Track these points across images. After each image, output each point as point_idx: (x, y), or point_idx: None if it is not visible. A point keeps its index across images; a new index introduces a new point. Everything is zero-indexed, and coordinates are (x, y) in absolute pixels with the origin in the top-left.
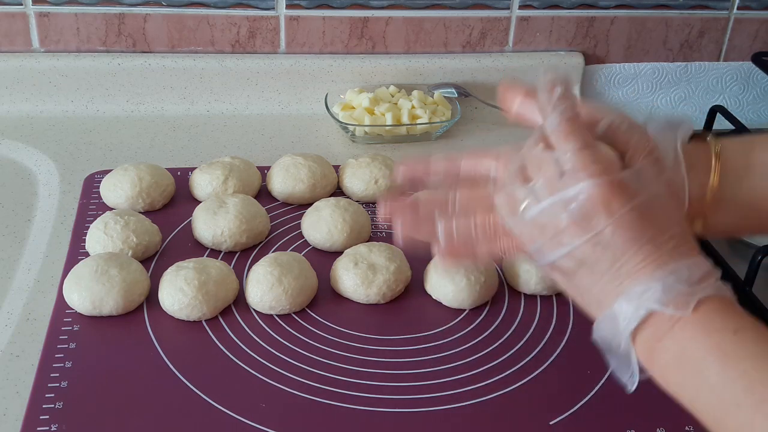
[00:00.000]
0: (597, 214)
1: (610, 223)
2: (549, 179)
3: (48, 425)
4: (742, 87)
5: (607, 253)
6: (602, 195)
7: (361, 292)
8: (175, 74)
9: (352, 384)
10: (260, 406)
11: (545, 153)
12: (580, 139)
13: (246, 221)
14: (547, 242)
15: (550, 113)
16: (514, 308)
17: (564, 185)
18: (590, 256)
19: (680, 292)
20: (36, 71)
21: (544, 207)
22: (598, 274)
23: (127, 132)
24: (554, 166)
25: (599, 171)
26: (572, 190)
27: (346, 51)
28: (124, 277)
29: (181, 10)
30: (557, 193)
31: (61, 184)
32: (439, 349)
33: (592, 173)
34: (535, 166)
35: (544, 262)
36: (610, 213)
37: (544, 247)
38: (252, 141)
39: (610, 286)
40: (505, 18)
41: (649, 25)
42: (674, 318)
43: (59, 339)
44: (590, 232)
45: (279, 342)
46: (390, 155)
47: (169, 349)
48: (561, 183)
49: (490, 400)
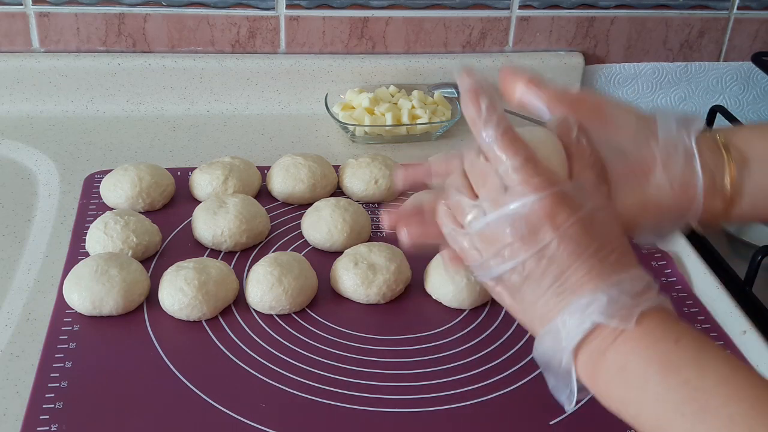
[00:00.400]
0: (542, 228)
1: (555, 236)
2: (493, 193)
3: (48, 425)
4: (742, 87)
5: (552, 266)
6: (546, 208)
7: (361, 292)
8: (175, 74)
9: (352, 384)
10: (260, 406)
11: (487, 166)
12: (520, 153)
13: (246, 221)
14: (493, 256)
15: (482, 128)
16: None
17: (508, 200)
18: (536, 270)
19: (624, 305)
20: (36, 71)
21: (489, 221)
22: (543, 288)
23: (127, 132)
24: (497, 180)
25: (542, 184)
26: (516, 205)
27: (346, 51)
28: (124, 277)
29: (181, 10)
30: (501, 208)
31: (61, 184)
32: (439, 349)
33: (535, 187)
34: (479, 179)
35: (488, 276)
36: (555, 226)
37: (490, 261)
38: (252, 141)
39: (554, 301)
40: (505, 18)
41: (649, 25)
42: (617, 331)
43: (59, 339)
44: (536, 246)
45: (279, 342)
46: (390, 155)
47: (169, 349)
48: (505, 197)
49: (490, 400)
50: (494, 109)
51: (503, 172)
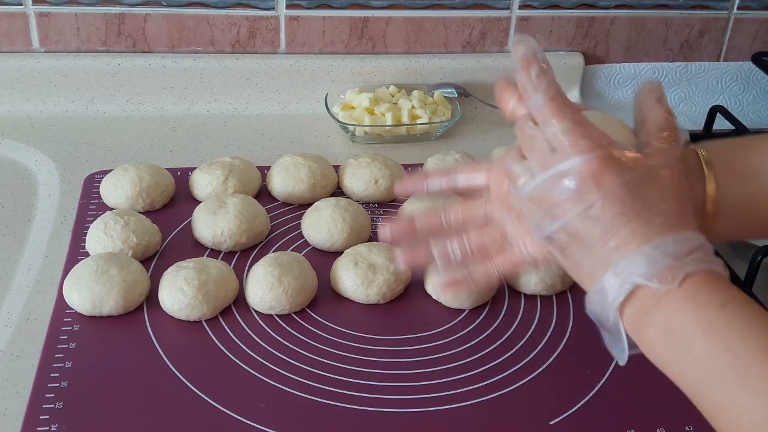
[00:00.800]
0: (587, 189)
1: (599, 197)
2: (541, 156)
3: (48, 425)
4: (742, 87)
5: (597, 227)
6: (592, 170)
7: (361, 292)
8: (175, 74)
9: (352, 384)
10: (260, 406)
11: (535, 130)
12: (568, 117)
13: (246, 221)
14: (544, 217)
15: (532, 94)
16: (514, 308)
17: (555, 161)
18: (581, 230)
19: (666, 266)
20: (36, 71)
21: (538, 183)
22: (589, 248)
23: (127, 132)
24: (545, 143)
25: (589, 147)
26: (563, 166)
27: (346, 51)
28: (124, 277)
29: (181, 10)
30: (549, 170)
31: (61, 184)
32: (439, 349)
33: (581, 149)
34: (528, 143)
35: (541, 235)
36: (600, 187)
37: (542, 222)
38: (252, 141)
39: (599, 260)
40: (505, 18)
41: (649, 25)
42: (660, 292)
43: (59, 339)
44: (581, 206)
45: (279, 342)
46: (390, 155)
47: (169, 349)
48: (552, 159)
49: (490, 400)
50: (545, 76)
51: (551, 135)
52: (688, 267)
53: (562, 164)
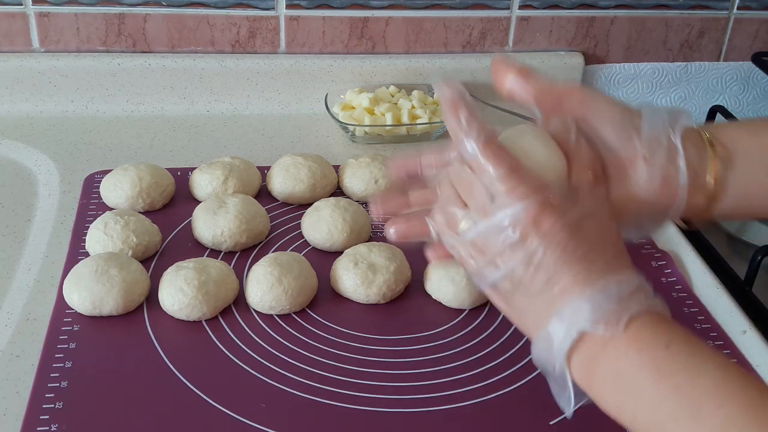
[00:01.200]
0: (529, 235)
1: (541, 243)
2: (480, 203)
3: (48, 425)
4: (742, 87)
5: (540, 273)
6: (532, 216)
7: (361, 292)
8: (175, 74)
9: (353, 384)
10: (260, 406)
11: (472, 176)
12: (503, 163)
13: (246, 221)
14: (486, 264)
15: (463, 139)
16: None
17: (495, 209)
18: (525, 277)
19: (610, 311)
20: (36, 71)
21: (481, 230)
22: (534, 294)
23: (127, 132)
24: (483, 190)
25: (526, 192)
26: (503, 214)
27: (346, 51)
28: (124, 277)
29: (181, 10)
30: (490, 218)
31: (61, 184)
32: (439, 349)
33: (520, 195)
34: (467, 189)
35: (485, 284)
36: (541, 233)
37: (485, 269)
38: (252, 141)
39: (544, 307)
40: (505, 18)
41: (649, 25)
42: (607, 337)
43: (59, 339)
44: (524, 252)
45: (279, 342)
46: (390, 155)
47: (169, 349)
48: (493, 207)
49: (490, 400)
50: (474, 120)
51: (488, 182)
52: (631, 309)
53: (503, 211)
